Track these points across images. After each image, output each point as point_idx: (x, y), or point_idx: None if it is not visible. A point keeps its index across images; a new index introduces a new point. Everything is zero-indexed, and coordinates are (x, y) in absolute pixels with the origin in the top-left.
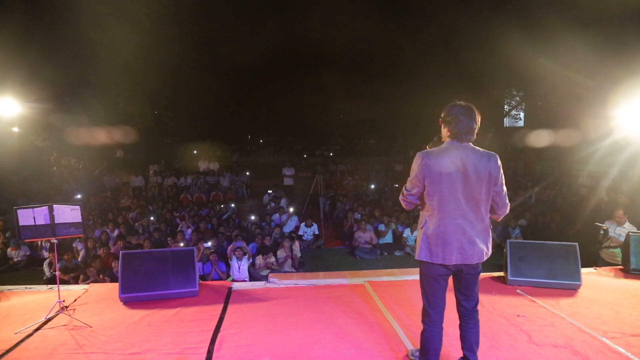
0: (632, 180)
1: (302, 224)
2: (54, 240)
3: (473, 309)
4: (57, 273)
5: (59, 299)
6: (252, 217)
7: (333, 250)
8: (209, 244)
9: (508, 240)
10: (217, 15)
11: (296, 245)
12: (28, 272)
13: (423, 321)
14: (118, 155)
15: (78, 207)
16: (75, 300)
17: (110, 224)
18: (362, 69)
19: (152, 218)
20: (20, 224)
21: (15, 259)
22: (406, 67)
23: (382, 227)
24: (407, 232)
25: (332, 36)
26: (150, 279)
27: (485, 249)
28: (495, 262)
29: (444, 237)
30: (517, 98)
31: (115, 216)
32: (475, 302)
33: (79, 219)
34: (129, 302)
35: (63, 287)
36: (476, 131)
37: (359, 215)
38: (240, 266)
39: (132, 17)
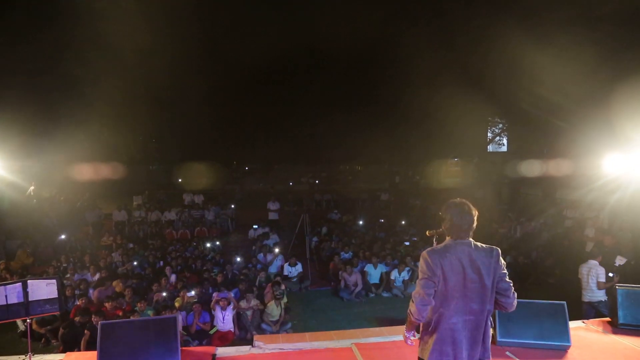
0: (617, 213)
1: (286, 264)
2: (28, 321)
3: None
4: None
5: None
6: (238, 259)
7: (319, 292)
8: (193, 292)
9: None
10: (199, 43)
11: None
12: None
13: None
14: None
15: (54, 281)
16: None
17: (91, 267)
18: (348, 97)
19: (135, 263)
20: None
21: None
22: (392, 96)
23: (368, 268)
24: (394, 274)
25: (318, 60)
26: (130, 351)
27: (488, 344)
28: None
29: (453, 334)
30: (500, 125)
31: (97, 258)
32: None
33: (55, 294)
34: None
35: (37, 358)
36: (474, 225)
37: (346, 255)
38: (224, 316)
39: (115, 53)
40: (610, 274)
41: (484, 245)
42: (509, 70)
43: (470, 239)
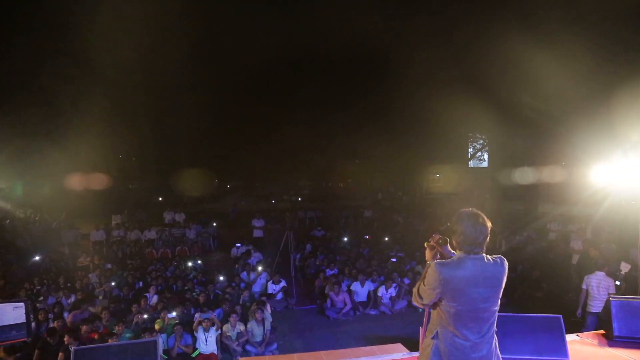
0: (601, 225)
1: (270, 282)
2: None
3: None
4: None
5: None
6: (221, 278)
7: (305, 311)
8: (174, 314)
9: None
10: (179, 58)
11: (267, 311)
12: None
13: None
14: None
15: (22, 304)
16: None
17: (65, 291)
18: (327, 112)
19: (112, 283)
20: None
21: None
22: (372, 112)
23: (355, 287)
24: (381, 290)
25: (301, 74)
26: None
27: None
28: None
29: (459, 355)
30: (481, 141)
31: (72, 279)
32: None
33: (22, 319)
34: None
35: None
36: (488, 239)
37: (331, 272)
38: (207, 338)
39: (95, 69)
40: (618, 282)
41: (494, 257)
42: (494, 81)
43: (484, 254)
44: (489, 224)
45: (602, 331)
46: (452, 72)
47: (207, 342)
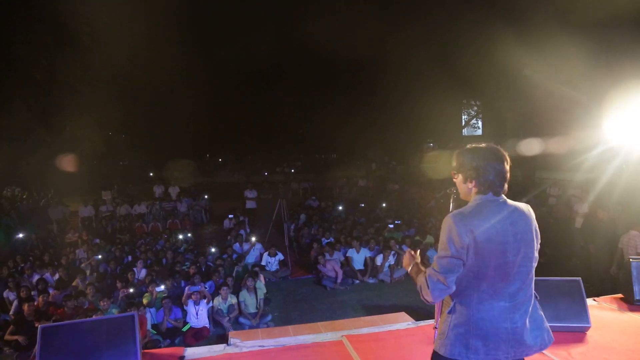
0: (604, 189)
1: (266, 254)
2: None
3: None
4: None
5: None
6: (213, 249)
7: (301, 281)
8: (162, 287)
9: None
10: (168, 36)
11: (261, 282)
12: None
13: None
14: None
15: None
16: None
17: (49, 268)
18: (319, 84)
19: (99, 257)
20: None
21: None
22: (366, 80)
23: (351, 253)
24: (379, 259)
25: (291, 52)
26: (77, 358)
27: (545, 330)
28: None
29: (485, 325)
30: (475, 108)
31: (58, 256)
32: None
33: None
34: None
35: None
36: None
37: (327, 241)
38: (198, 311)
39: (75, 39)
40: None
41: (515, 202)
42: (487, 51)
43: (504, 195)
44: (508, 158)
45: (619, 295)
46: (445, 39)
47: (198, 315)
